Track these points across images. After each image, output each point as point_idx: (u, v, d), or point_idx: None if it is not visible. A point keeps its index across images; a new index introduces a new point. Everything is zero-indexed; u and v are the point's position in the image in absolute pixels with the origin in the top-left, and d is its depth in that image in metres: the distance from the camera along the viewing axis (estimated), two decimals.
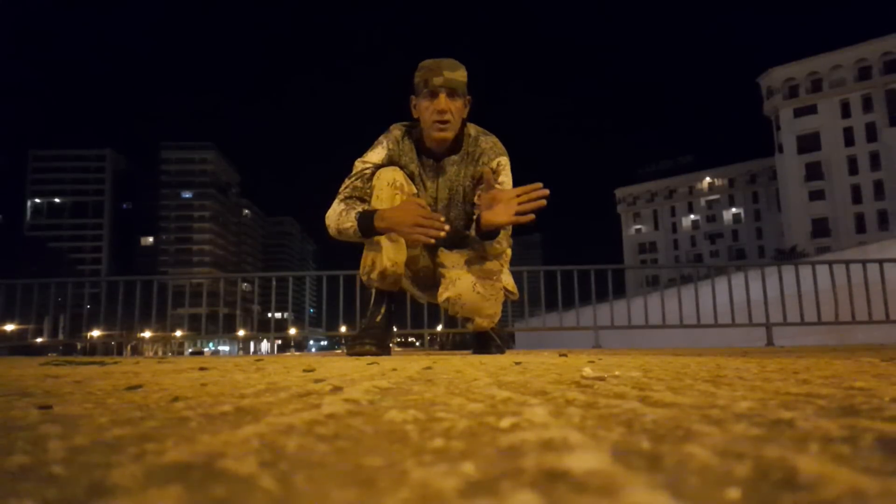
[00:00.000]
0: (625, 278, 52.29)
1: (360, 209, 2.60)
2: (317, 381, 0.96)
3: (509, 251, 2.75)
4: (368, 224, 2.55)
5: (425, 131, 2.68)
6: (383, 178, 2.63)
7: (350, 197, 2.68)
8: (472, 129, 2.78)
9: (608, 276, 6.67)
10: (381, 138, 2.78)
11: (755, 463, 0.33)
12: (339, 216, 2.63)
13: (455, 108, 2.63)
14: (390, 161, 2.72)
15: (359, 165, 2.73)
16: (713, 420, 0.48)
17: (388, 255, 2.65)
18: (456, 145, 2.71)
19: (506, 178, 2.69)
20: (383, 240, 2.63)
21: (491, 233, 2.52)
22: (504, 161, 2.71)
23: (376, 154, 2.74)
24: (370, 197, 2.65)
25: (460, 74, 2.64)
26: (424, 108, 2.64)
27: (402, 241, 2.67)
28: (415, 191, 2.70)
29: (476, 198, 2.59)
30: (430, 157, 2.73)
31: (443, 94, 2.59)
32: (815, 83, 57.28)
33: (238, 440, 0.41)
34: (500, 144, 2.76)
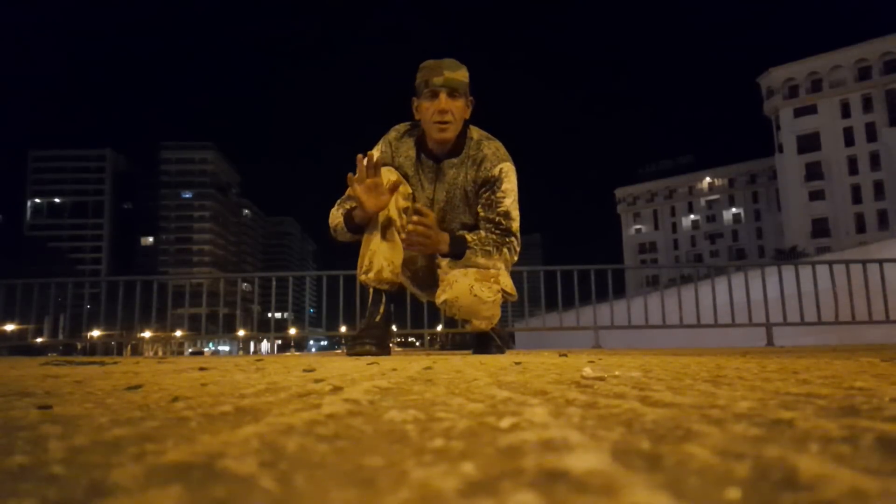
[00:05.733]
0: (625, 278, 52.27)
1: (348, 206, 2.70)
2: (317, 381, 0.96)
3: (513, 257, 2.72)
4: (350, 218, 2.67)
5: (426, 132, 2.68)
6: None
7: (345, 199, 2.76)
8: (475, 132, 2.76)
9: (608, 276, 6.67)
10: (380, 141, 2.83)
11: (755, 463, 0.33)
12: (333, 217, 2.77)
13: (456, 108, 2.61)
14: (383, 164, 2.74)
15: None
16: (713, 420, 0.48)
17: (385, 255, 2.65)
18: (457, 147, 2.70)
19: (508, 184, 2.68)
20: (379, 240, 2.63)
21: (454, 253, 2.61)
22: (507, 167, 2.69)
23: None
24: None
25: (461, 74, 2.63)
26: (425, 109, 2.63)
27: (398, 240, 2.67)
28: (409, 191, 2.70)
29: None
30: (430, 158, 2.73)
31: (443, 93, 2.58)
32: (815, 83, 57.27)
33: (238, 440, 0.41)
34: (503, 150, 2.74)
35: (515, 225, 2.68)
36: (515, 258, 2.73)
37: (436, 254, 2.74)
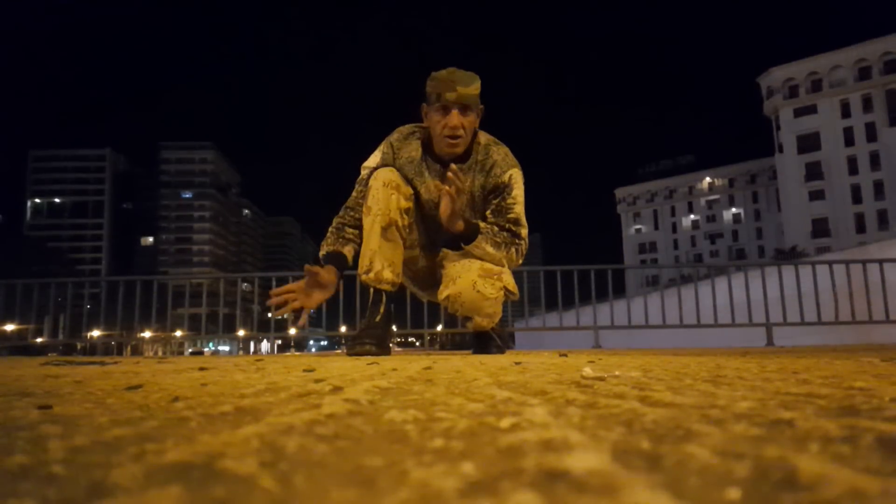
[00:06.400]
0: (625, 278, 52.32)
1: (325, 251, 2.71)
2: (317, 381, 0.96)
3: (518, 259, 2.72)
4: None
5: (435, 142, 2.68)
6: (379, 178, 2.65)
7: (339, 228, 2.76)
8: (483, 136, 2.75)
9: (608, 276, 6.67)
10: (383, 142, 2.83)
11: (755, 463, 0.33)
12: (322, 247, 2.76)
13: (467, 123, 2.61)
14: (385, 165, 2.74)
15: (362, 172, 2.81)
16: (713, 420, 0.48)
17: (385, 255, 2.65)
18: (465, 152, 2.70)
19: (518, 191, 2.69)
20: (380, 239, 2.63)
21: (457, 237, 2.58)
22: (516, 174, 2.69)
23: (373, 158, 2.82)
24: (364, 199, 2.67)
25: (474, 88, 2.60)
26: (436, 122, 2.62)
27: (399, 240, 2.68)
28: (411, 192, 2.70)
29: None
30: (435, 161, 2.73)
31: (455, 110, 2.57)
32: (815, 83, 57.31)
33: (238, 440, 0.41)
34: (511, 155, 2.74)
35: (524, 232, 2.69)
36: (520, 261, 2.74)
37: (441, 246, 2.74)
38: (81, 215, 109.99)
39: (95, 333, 9.25)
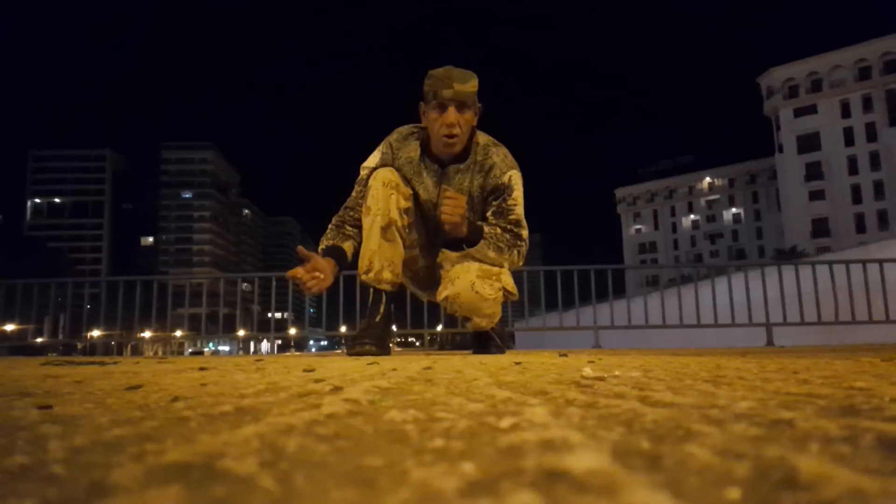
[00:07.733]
0: (625, 278, 52.31)
1: (325, 245, 2.71)
2: (317, 381, 0.96)
3: (519, 261, 2.73)
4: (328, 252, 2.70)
5: (433, 141, 2.68)
6: (379, 178, 2.66)
7: (339, 226, 2.78)
8: (482, 137, 2.75)
9: (608, 276, 6.67)
10: (382, 143, 2.83)
11: (755, 463, 0.33)
12: (321, 243, 2.77)
13: (464, 121, 2.60)
14: (384, 165, 2.74)
15: (361, 172, 2.82)
16: (713, 420, 0.48)
17: (385, 255, 2.66)
18: (463, 152, 2.70)
19: (518, 192, 2.69)
20: (380, 239, 2.64)
21: (460, 241, 2.59)
22: (515, 175, 2.69)
23: (372, 158, 2.82)
24: (364, 199, 2.67)
25: (471, 85, 2.60)
26: (433, 120, 2.62)
27: (399, 240, 2.68)
28: (410, 192, 2.70)
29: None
30: (434, 161, 2.73)
31: (452, 107, 2.56)
32: (815, 83, 57.28)
33: (238, 440, 0.41)
34: (510, 157, 2.74)
35: (525, 233, 2.70)
36: (521, 263, 2.74)
37: (440, 247, 2.74)
38: (81, 215, 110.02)
39: (95, 333, 9.25)
